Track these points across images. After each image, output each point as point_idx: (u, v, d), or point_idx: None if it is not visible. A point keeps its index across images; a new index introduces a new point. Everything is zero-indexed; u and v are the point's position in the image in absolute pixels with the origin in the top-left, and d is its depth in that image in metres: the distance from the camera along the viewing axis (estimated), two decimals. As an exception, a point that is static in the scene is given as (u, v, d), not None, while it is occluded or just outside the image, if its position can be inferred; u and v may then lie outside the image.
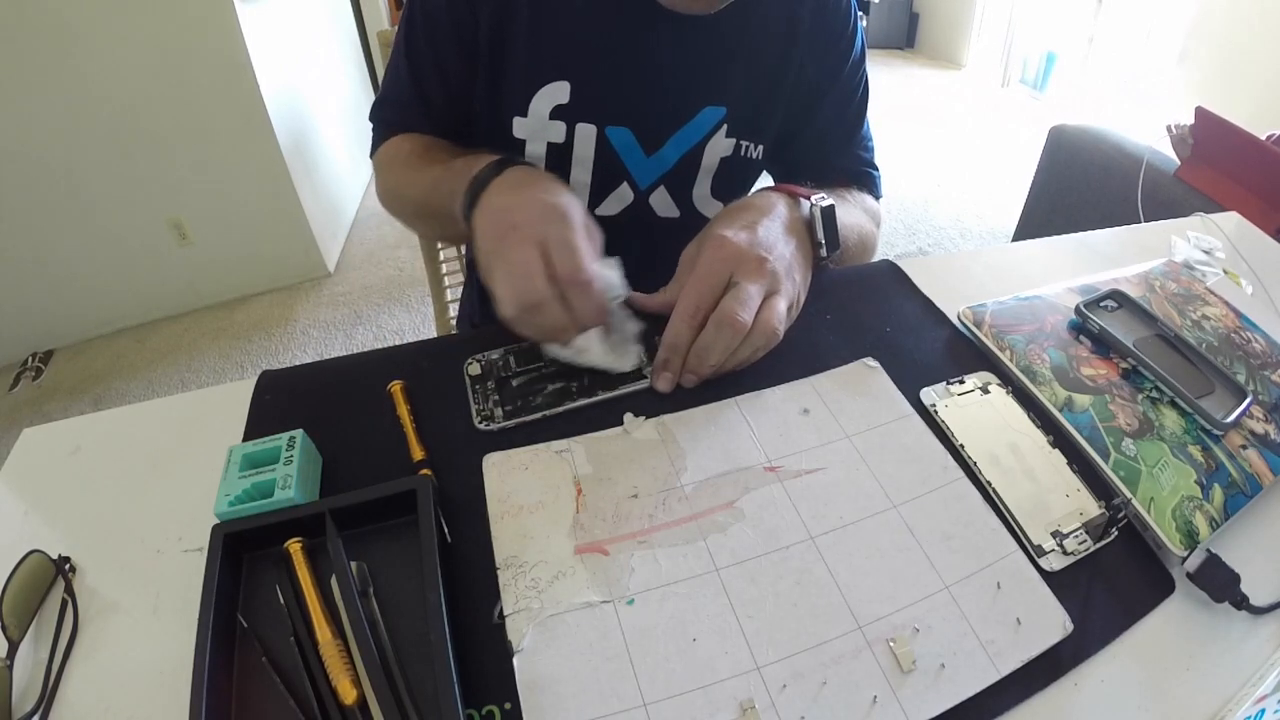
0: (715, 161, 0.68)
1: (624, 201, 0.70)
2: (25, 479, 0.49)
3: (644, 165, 0.67)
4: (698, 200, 0.71)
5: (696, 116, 0.65)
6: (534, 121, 0.64)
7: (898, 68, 4.56)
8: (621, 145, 0.65)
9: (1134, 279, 0.65)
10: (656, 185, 0.69)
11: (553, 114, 0.63)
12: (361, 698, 0.33)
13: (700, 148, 0.67)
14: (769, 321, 0.48)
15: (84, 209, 1.91)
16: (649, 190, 0.69)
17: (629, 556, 0.41)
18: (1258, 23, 2.65)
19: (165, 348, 2.07)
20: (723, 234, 0.49)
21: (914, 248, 2.62)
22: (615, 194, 0.69)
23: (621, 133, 0.65)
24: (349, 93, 2.86)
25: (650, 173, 0.68)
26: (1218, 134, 1.59)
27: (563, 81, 0.62)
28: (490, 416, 0.50)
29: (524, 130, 0.64)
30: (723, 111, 0.65)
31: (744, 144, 0.68)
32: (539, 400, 0.51)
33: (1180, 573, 0.43)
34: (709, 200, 0.72)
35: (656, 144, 0.66)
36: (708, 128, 0.66)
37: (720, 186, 0.71)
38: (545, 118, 0.63)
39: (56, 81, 1.72)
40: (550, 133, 0.64)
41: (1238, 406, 0.51)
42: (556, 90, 0.62)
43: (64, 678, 0.37)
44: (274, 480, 0.42)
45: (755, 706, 0.35)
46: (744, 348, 0.49)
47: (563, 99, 0.62)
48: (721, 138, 0.67)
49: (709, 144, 0.67)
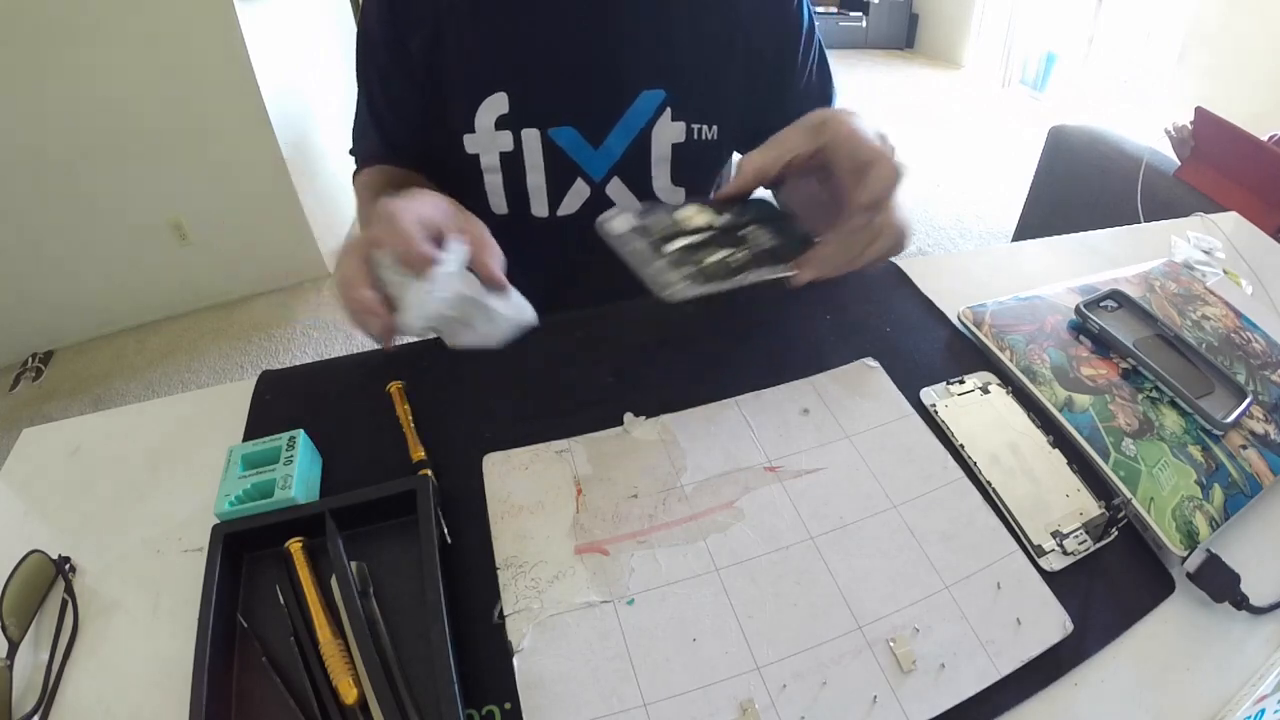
0: (667, 149, 0.68)
1: (582, 197, 0.70)
2: (25, 479, 0.49)
3: (593, 158, 0.68)
4: (659, 191, 0.71)
5: (635, 103, 0.65)
6: (482, 136, 0.65)
7: (898, 68, 4.55)
8: (568, 143, 0.66)
9: (1134, 279, 0.65)
10: (609, 177, 0.70)
11: (497, 125, 0.64)
12: (362, 697, 0.33)
13: (646, 134, 0.67)
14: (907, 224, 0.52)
15: (84, 209, 1.91)
16: (604, 182, 0.70)
17: (629, 556, 0.41)
18: (1258, 23, 2.65)
19: (165, 348, 2.07)
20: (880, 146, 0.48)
21: (914, 248, 2.62)
22: (572, 190, 0.70)
23: (565, 131, 0.65)
24: (349, 93, 2.84)
25: (600, 165, 0.69)
26: (1218, 134, 1.59)
27: (500, 93, 0.63)
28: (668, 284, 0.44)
29: (475, 145, 0.65)
30: (662, 95, 0.65)
31: (695, 127, 0.68)
32: (712, 265, 0.46)
33: (1180, 573, 0.43)
34: (671, 190, 0.72)
35: (600, 136, 0.67)
36: (649, 113, 0.66)
37: (681, 174, 0.71)
38: (492, 129, 0.64)
39: (56, 81, 1.72)
40: (499, 143, 0.65)
41: (1238, 406, 0.51)
42: (496, 102, 0.63)
43: (64, 678, 0.37)
44: (274, 480, 0.42)
45: (755, 706, 0.35)
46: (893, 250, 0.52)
47: (503, 109, 0.63)
48: (667, 122, 0.67)
49: (654, 129, 0.67)
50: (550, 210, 0.70)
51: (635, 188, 0.71)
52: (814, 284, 0.59)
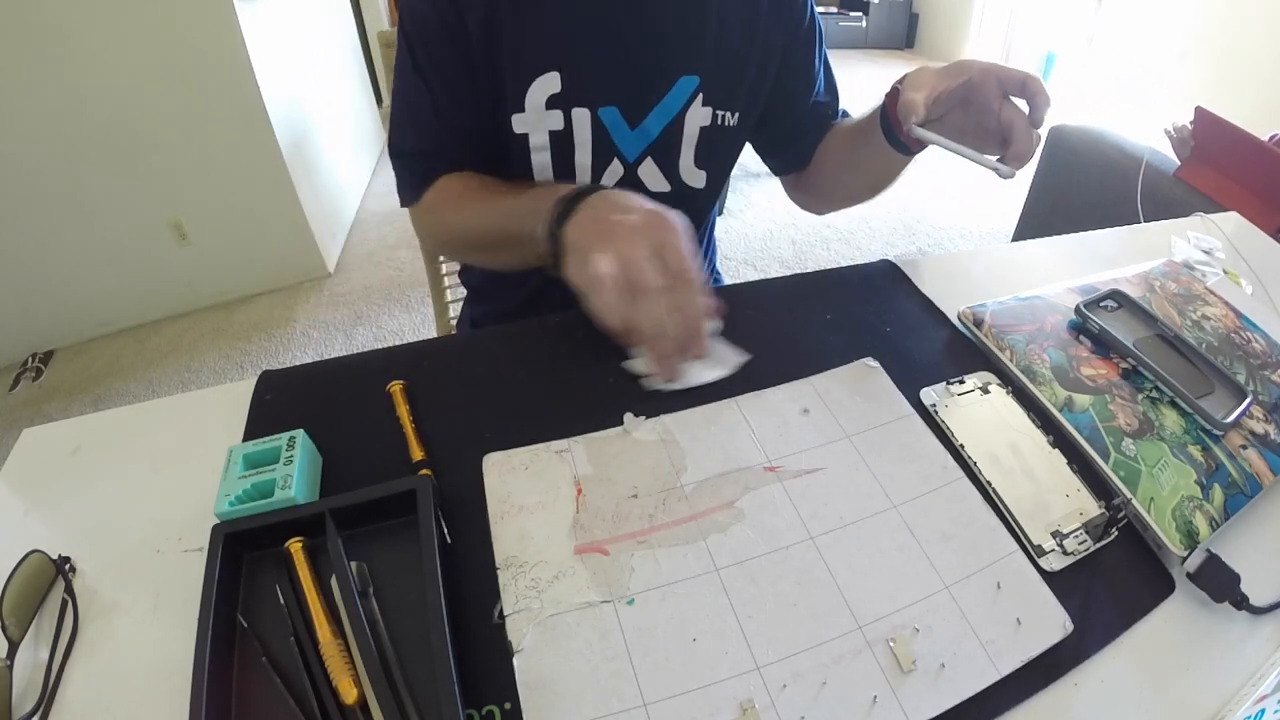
0: (696, 131, 0.70)
1: (615, 176, 0.71)
2: (25, 479, 0.49)
3: (629, 139, 0.69)
4: (684, 172, 0.73)
5: (674, 86, 0.67)
6: (532, 114, 0.65)
7: (898, 68, 4.53)
8: (611, 122, 0.67)
9: (1134, 279, 0.65)
10: (643, 158, 0.71)
11: (549, 104, 0.64)
12: (362, 697, 0.33)
13: (681, 118, 0.69)
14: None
15: (84, 209, 1.91)
16: (637, 163, 0.71)
17: (629, 556, 0.41)
18: (1258, 23, 2.65)
19: (165, 348, 2.07)
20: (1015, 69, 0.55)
21: (914, 248, 2.62)
22: (609, 170, 0.71)
23: (609, 111, 0.66)
24: (349, 93, 2.86)
25: (635, 146, 0.70)
26: (1218, 134, 1.59)
27: (553, 72, 0.63)
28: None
29: (524, 125, 0.65)
30: (696, 80, 0.67)
31: (720, 113, 0.70)
32: None
33: (1180, 573, 0.43)
34: (693, 171, 0.73)
35: (639, 117, 0.68)
36: (685, 97, 0.68)
37: (702, 156, 0.72)
38: (542, 109, 0.65)
39: (56, 82, 1.72)
40: (549, 122, 0.65)
41: (1238, 406, 0.51)
42: (549, 81, 0.63)
43: (64, 678, 0.37)
44: (274, 480, 0.42)
45: (755, 706, 0.35)
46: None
47: (555, 88, 0.64)
48: (699, 106, 0.69)
49: (688, 113, 0.69)
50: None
51: (665, 169, 0.72)
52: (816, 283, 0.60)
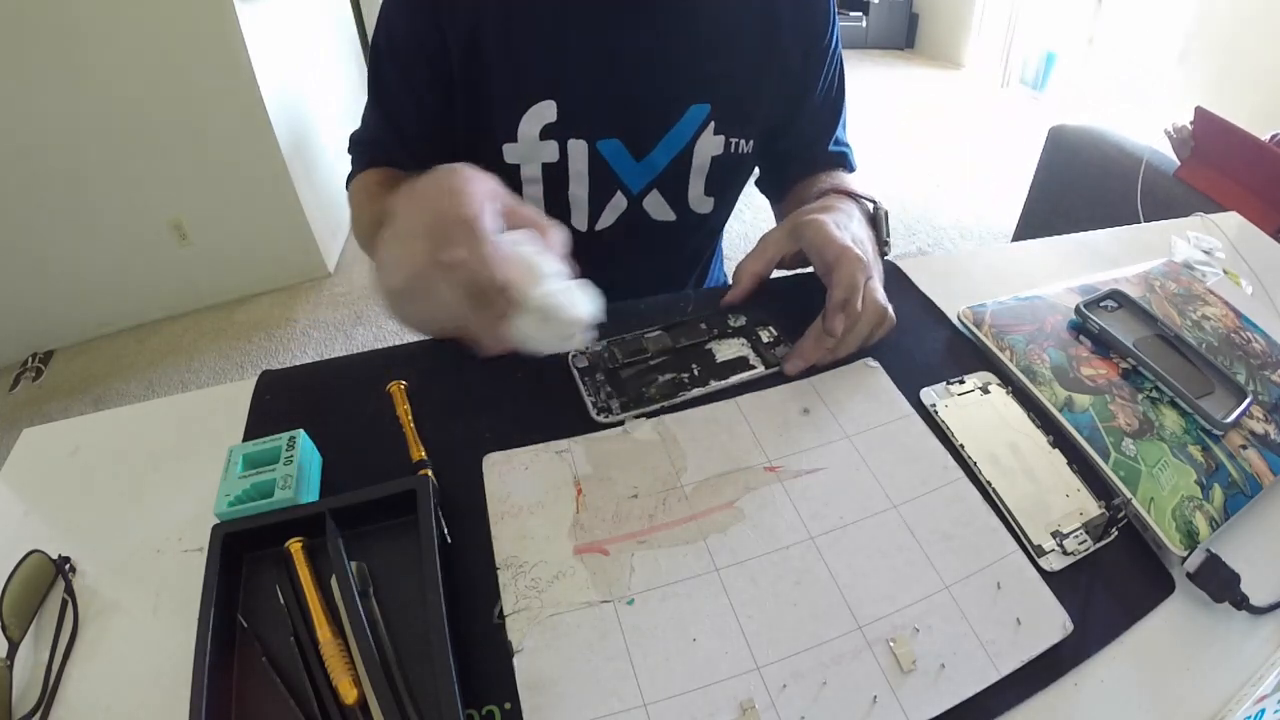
0: (706, 161, 0.68)
1: (618, 210, 0.69)
2: (25, 479, 0.49)
3: (634, 171, 0.67)
4: (693, 201, 0.71)
5: (684, 117, 0.64)
6: (525, 145, 0.62)
7: (898, 68, 4.55)
8: (612, 155, 0.65)
9: (1134, 279, 0.65)
10: (649, 190, 0.69)
11: (542, 134, 0.62)
12: (362, 698, 0.33)
13: (690, 148, 0.66)
14: (886, 305, 0.55)
15: (84, 209, 1.91)
16: (642, 195, 0.69)
17: (629, 556, 0.41)
18: (1258, 23, 2.65)
19: (165, 348, 2.07)
20: (845, 243, 0.53)
21: (914, 248, 2.62)
22: (611, 204, 0.68)
23: (611, 144, 0.64)
24: (349, 93, 2.86)
25: (641, 178, 0.67)
26: (1218, 134, 1.59)
27: (548, 101, 0.60)
28: (607, 409, 0.50)
29: (515, 155, 0.63)
30: (707, 109, 0.64)
31: (733, 141, 0.67)
32: (653, 391, 0.52)
33: (1180, 573, 0.43)
34: (703, 199, 0.71)
35: (645, 149, 0.65)
36: (695, 127, 0.65)
37: (713, 185, 0.70)
38: (536, 139, 0.62)
39: (56, 81, 1.72)
40: (543, 153, 0.63)
41: (1238, 406, 0.51)
42: (543, 110, 0.60)
43: (64, 678, 0.37)
44: (274, 480, 0.42)
45: (755, 706, 0.35)
46: (878, 330, 0.55)
47: (550, 118, 0.61)
48: (710, 135, 0.66)
49: (698, 143, 0.66)
50: (590, 224, 0.69)
51: (671, 200, 0.70)
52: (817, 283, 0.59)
